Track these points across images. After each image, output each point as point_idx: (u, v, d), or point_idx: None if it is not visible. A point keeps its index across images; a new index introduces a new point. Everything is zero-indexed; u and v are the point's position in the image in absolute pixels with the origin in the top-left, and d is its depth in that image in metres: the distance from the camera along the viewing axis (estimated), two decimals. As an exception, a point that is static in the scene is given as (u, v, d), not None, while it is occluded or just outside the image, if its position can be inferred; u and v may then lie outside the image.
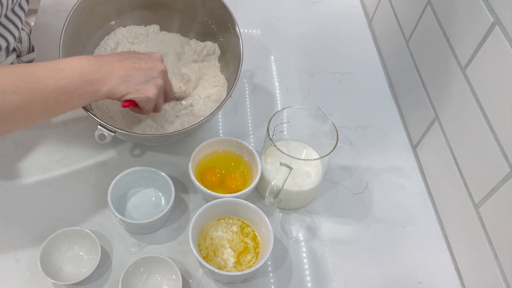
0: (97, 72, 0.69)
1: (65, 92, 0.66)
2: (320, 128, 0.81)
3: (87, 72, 0.68)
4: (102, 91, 0.70)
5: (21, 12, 0.81)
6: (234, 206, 0.77)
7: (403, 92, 1.01)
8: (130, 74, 0.72)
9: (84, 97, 0.69)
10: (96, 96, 0.70)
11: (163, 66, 0.76)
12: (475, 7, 0.74)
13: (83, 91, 0.68)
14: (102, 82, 0.69)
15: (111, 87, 0.70)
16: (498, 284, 0.69)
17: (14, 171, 0.84)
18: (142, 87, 0.73)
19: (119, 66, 0.72)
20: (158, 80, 0.75)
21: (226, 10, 0.87)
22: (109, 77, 0.70)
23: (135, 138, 0.85)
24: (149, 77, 0.74)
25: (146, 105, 0.75)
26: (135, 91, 0.73)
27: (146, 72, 0.74)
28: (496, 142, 0.69)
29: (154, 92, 0.74)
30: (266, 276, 0.77)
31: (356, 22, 1.18)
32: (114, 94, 0.71)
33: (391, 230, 0.84)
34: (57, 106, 0.67)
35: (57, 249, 0.74)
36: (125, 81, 0.71)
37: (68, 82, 0.66)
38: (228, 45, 0.91)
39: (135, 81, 0.72)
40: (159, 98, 0.77)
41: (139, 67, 0.73)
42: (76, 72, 0.67)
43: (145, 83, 0.73)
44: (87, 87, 0.68)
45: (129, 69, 0.72)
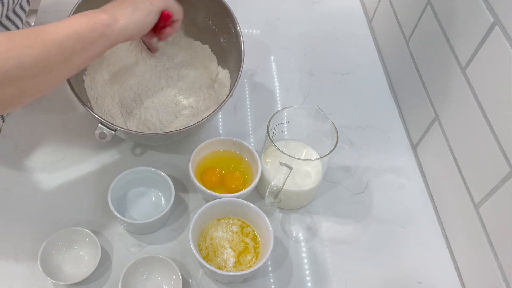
0: (103, 13, 0.66)
1: (79, 38, 0.63)
2: (320, 128, 0.81)
3: (93, 16, 0.66)
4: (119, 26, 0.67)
5: (21, 12, 0.81)
6: (234, 206, 0.77)
7: (403, 92, 1.01)
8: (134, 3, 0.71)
9: (101, 39, 0.66)
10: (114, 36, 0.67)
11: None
12: (475, 7, 0.74)
13: (97, 33, 0.65)
14: (113, 19, 0.67)
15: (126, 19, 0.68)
16: (498, 284, 0.69)
17: (14, 171, 0.84)
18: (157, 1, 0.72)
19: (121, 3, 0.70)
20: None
21: (227, 10, 0.87)
22: (117, 13, 0.68)
23: (136, 137, 0.85)
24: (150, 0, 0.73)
25: (178, 11, 0.76)
26: (149, 5, 0.71)
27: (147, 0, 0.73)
28: (496, 142, 0.69)
29: None
30: (266, 276, 0.77)
31: (356, 22, 1.18)
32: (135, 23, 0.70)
33: (391, 230, 0.84)
34: (75, 56, 0.64)
35: (57, 249, 0.74)
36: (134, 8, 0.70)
37: (78, 27, 0.63)
38: (228, 45, 0.91)
39: (142, 3, 0.71)
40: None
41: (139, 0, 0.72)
42: (82, 18, 0.65)
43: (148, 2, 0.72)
44: (100, 27, 0.65)
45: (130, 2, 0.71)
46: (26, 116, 0.91)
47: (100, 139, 0.77)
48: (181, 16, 0.79)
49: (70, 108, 0.92)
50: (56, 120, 0.91)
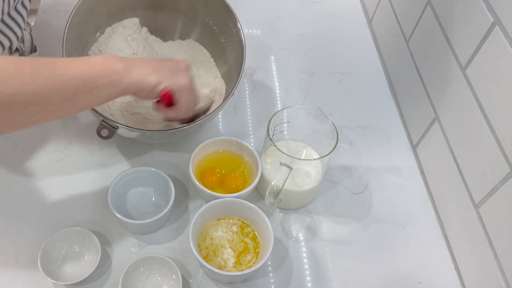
0: (121, 62, 0.65)
1: (86, 81, 0.62)
2: (320, 128, 0.81)
3: (110, 62, 0.64)
4: (129, 79, 0.65)
5: (23, 10, 0.81)
6: (234, 206, 0.77)
7: (403, 92, 1.01)
8: (157, 66, 0.69)
9: (108, 87, 0.64)
10: (122, 87, 0.65)
11: (186, 62, 0.75)
12: (475, 7, 0.74)
13: (106, 80, 0.63)
14: (128, 71, 0.65)
15: (141, 76, 0.66)
16: (498, 284, 0.69)
17: (14, 171, 0.84)
18: (174, 76, 0.70)
19: (143, 61, 0.68)
20: (187, 73, 0.73)
21: (228, 10, 0.87)
22: (135, 68, 0.66)
23: (137, 134, 0.84)
24: (177, 69, 0.71)
25: (182, 95, 0.71)
26: (168, 79, 0.68)
27: (173, 66, 0.71)
28: (496, 142, 0.69)
29: (188, 80, 0.71)
30: (266, 276, 0.77)
31: (356, 22, 1.18)
32: (144, 84, 0.67)
33: (391, 230, 0.84)
34: (79, 96, 0.63)
35: (57, 249, 0.74)
36: (154, 71, 0.68)
37: (89, 70, 0.62)
38: (229, 45, 0.91)
39: (164, 71, 0.69)
40: (193, 92, 0.74)
41: (165, 64, 0.71)
42: (98, 61, 0.64)
43: (176, 73, 0.70)
44: (111, 76, 0.64)
45: (154, 64, 0.69)
46: (26, 116, 0.91)
47: (101, 137, 0.77)
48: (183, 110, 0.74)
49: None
50: (56, 120, 0.91)
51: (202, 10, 0.92)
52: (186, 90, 0.72)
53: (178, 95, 0.71)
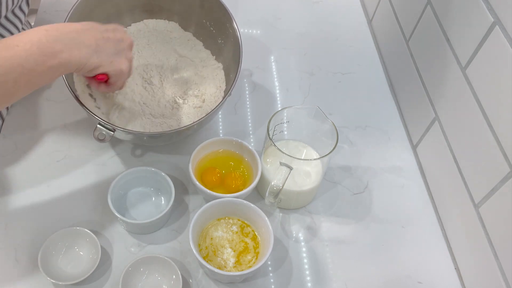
0: (59, 42, 0.60)
1: (24, 71, 0.57)
2: (320, 128, 0.81)
3: (47, 44, 0.59)
4: (70, 63, 0.61)
5: (21, 14, 0.81)
6: (234, 206, 0.77)
7: (403, 92, 1.01)
8: (100, 44, 0.64)
9: (48, 73, 0.60)
10: (62, 70, 0.62)
11: (130, 39, 0.72)
12: (475, 7, 0.74)
13: (46, 67, 0.59)
14: (68, 52, 0.60)
15: (81, 58, 0.62)
16: (498, 284, 0.69)
17: (14, 171, 0.84)
18: (114, 59, 0.66)
19: (86, 35, 0.63)
20: (128, 53, 0.70)
21: (225, 11, 0.87)
22: (76, 47, 0.61)
23: (135, 137, 0.84)
24: (119, 49, 0.68)
25: (119, 79, 0.70)
26: (108, 63, 0.65)
27: (116, 43, 0.67)
28: (496, 142, 0.69)
29: (127, 65, 0.69)
30: (266, 276, 0.77)
31: (356, 22, 1.18)
32: (85, 66, 0.63)
33: (391, 230, 0.84)
34: (18, 88, 0.59)
35: (57, 249, 0.74)
36: (96, 51, 0.64)
37: (25, 59, 0.57)
38: (226, 46, 0.91)
39: (106, 52, 0.65)
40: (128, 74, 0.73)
41: (108, 38, 0.66)
42: (33, 45, 0.58)
43: (117, 55, 0.67)
44: (50, 60, 0.59)
45: (98, 38, 0.64)
46: (26, 116, 0.91)
47: (98, 140, 0.77)
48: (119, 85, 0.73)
49: (70, 108, 0.92)
50: (56, 120, 0.91)
51: (198, 11, 0.92)
52: (124, 74, 0.70)
53: (114, 78, 0.70)
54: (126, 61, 0.69)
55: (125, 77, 0.71)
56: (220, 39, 0.92)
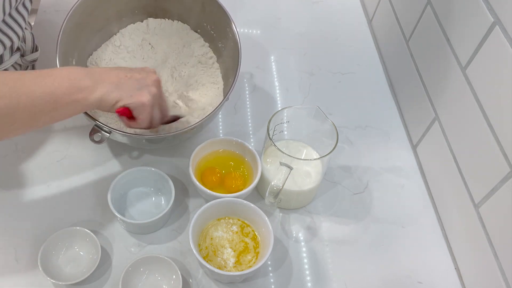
0: (87, 79, 0.66)
1: (52, 99, 0.63)
2: (320, 128, 0.81)
3: (76, 78, 0.66)
4: (93, 98, 0.67)
5: (24, 11, 0.81)
6: (234, 206, 0.77)
7: (403, 92, 1.01)
8: (123, 81, 0.70)
9: (72, 105, 0.66)
10: (85, 104, 0.67)
11: (156, 77, 0.75)
12: (475, 7, 0.74)
13: (71, 98, 0.65)
14: (92, 88, 0.67)
15: (103, 94, 0.67)
16: (498, 284, 0.69)
17: (14, 171, 0.84)
18: (135, 93, 0.70)
19: (111, 74, 0.69)
20: (152, 88, 0.72)
21: (225, 14, 0.86)
22: (100, 84, 0.67)
23: (132, 139, 0.83)
24: (142, 85, 0.72)
25: (141, 112, 0.72)
26: (128, 97, 0.69)
27: (139, 80, 0.72)
28: (496, 142, 0.69)
29: (148, 98, 0.71)
30: (266, 276, 0.77)
31: (356, 22, 1.18)
32: (105, 102, 0.68)
33: (391, 230, 0.84)
34: (43, 114, 0.64)
35: (57, 249, 0.74)
36: (117, 87, 0.69)
37: (56, 87, 0.63)
38: (226, 49, 0.91)
39: (127, 88, 0.70)
40: (155, 108, 0.74)
41: (132, 76, 0.71)
42: (64, 78, 0.65)
43: (138, 90, 0.71)
44: (76, 93, 0.65)
45: (121, 77, 0.70)
46: (26, 116, 0.91)
47: (94, 141, 0.77)
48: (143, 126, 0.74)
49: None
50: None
51: (199, 14, 0.92)
52: (145, 107, 0.71)
53: (136, 112, 0.72)
54: (148, 94, 0.71)
55: (147, 110, 0.72)
56: (220, 43, 0.92)
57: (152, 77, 0.74)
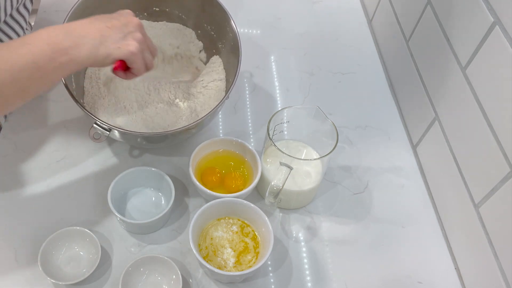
0: (67, 39, 0.63)
1: (37, 68, 0.61)
2: (320, 128, 0.81)
3: (56, 41, 0.62)
4: (80, 58, 0.64)
5: (25, 12, 0.81)
6: (234, 206, 0.77)
7: (403, 92, 1.01)
8: (105, 34, 0.67)
9: (59, 69, 0.63)
10: (73, 65, 0.64)
11: (137, 20, 0.72)
12: (475, 7, 0.74)
13: (57, 63, 0.62)
14: (76, 48, 0.63)
15: (89, 52, 0.64)
16: (498, 284, 0.69)
17: (14, 171, 0.84)
18: (121, 43, 0.67)
19: (91, 28, 0.66)
20: (136, 34, 0.70)
21: (225, 15, 0.86)
22: (82, 42, 0.64)
23: (131, 137, 0.83)
24: (126, 33, 0.69)
25: (134, 61, 0.69)
26: (115, 49, 0.67)
27: (121, 28, 0.69)
28: (496, 142, 0.69)
29: (135, 45, 0.69)
30: (266, 276, 0.77)
31: (356, 22, 1.18)
32: (95, 59, 0.66)
33: (391, 230, 0.84)
34: (31, 85, 0.62)
35: (57, 249, 0.74)
36: (101, 42, 0.66)
37: (37, 56, 0.61)
38: (226, 49, 0.91)
39: (112, 40, 0.67)
40: (145, 52, 0.71)
41: (113, 25, 0.68)
42: (44, 43, 0.62)
43: (123, 39, 0.68)
44: (60, 57, 0.62)
45: (102, 29, 0.67)
46: (26, 116, 0.91)
47: (94, 139, 0.77)
48: (141, 73, 0.73)
49: (70, 108, 0.92)
50: (56, 120, 0.91)
51: (199, 15, 0.92)
52: (136, 55, 0.69)
53: (129, 62, 0.70)
54: (134, 41, 0.69)
55: (139, 58, 0.70)
56: (220, 43, 0.92)
57: (133, 21, 0.71)
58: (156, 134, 0.81)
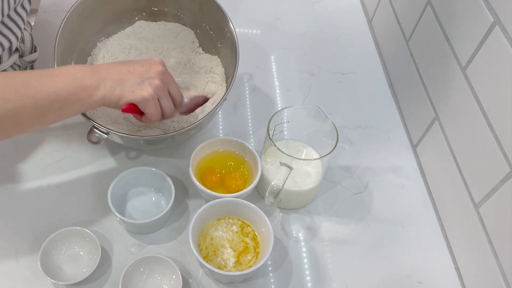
0: (91, 78, 0.67)
1: (57, 99, 0.65)
2: (320, 128, 0.81)
3: (80, 78, 0.67)
4: (96, 96, 0.68)
5: (23, 12, 0.81)
6: (234, 206, 0.77)
7: (403, 92, 1.01)
8: (125, 77, 0.70)
9: (77, 103, 0.67)
10: (90, 103, 0.68)
11: (160, 67, 0.73)
12: (475, 7, 0.74)
13: (76, 97, 0.66)
14: (96, 87, 0.68)
15: (106, 92, 0.68)
16: (498, 284, 0.69)
17: (14, 171, 0.84)
18: (136, 88, 0.70)
19: (114, 71, 0.70)
20: (154, 81, 0.71)
21: (223, 15, 0.86)
22: (103, 82, 0.68)
23: (130, 140, 0.83)
24: (144, 78, 0.71)
25: (146, 107, 0.71)
26: (129, 93, 0.70)
27: (142, 74, 0.71)
28: (496, 142, 0.69)
29: (149, 91, 0.70)
30: (266, 276, 0.77)
31: (356, 22, 1.18)
32: (109, 99, 0.69)
33: (391, 230, 0.84)
34: (49, 114, 0.66)
35: (57, 249, 0.74)
36: (119, 84, 0.69)
37: (61, 88, 0.65)
38: (225, 49, 0.91)
39: (130, 83, 0.70)
40: (162, 99, 0.73)
41: (135, 71, 0.71)
42: (69, 78, 0.66)
43: (139, 84, 0.70)
44: (81, 93, 0.66)
45: (124, 73, 0.70)
46: (26, 116, 0.91)
47: (92, 142, 0.77)
48: (155, 118, 0.73)
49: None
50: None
51: (198, 15, 0.92)
52: (148, 101, 0.71)
53: (141, 106, 0.71)
54: (150, 87, 0.71)
55: (151, 103, 0.71)
56: (219, 43, 0.92)
57: (156, 68, 0.73)
58: (155, 137, 0.81)
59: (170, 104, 0.75)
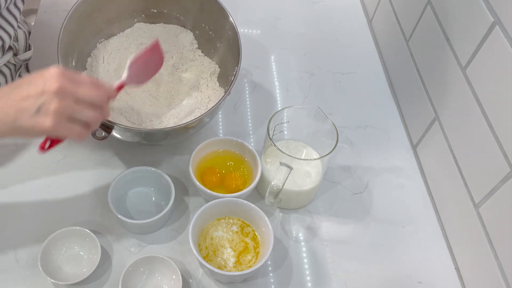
0: None
1: None
2: (320, 128, 0.81)
3: None
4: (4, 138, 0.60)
5: (16, 11, 0.81)
6: (234, 206, 0.77)
7: (403, 92, 1.01)
8: (20, 107, 0.59)
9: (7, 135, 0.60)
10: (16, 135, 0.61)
11: (55, 84, 0.59)
12: (475, 7, 0.74)
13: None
14: None
15: (8, 127, 0.60)
16: (498, 284, 0.69)
17: (14, 171, 0.84)
18: (35, 121, 0.59)
19: (7, 101, 0.60)
20: (51, 106, 0.59)
21: (224, 14, 0.86)
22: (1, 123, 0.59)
23: (133, 134, 0.82)
24: (39, 105, 0.59)
25: (58, 135, 0.62)
26: (30, 129, 0.59)
27: (37, 98, 0.59)
28: (496, 142, 0.69)
29: (49, 121, 0.59)
30: (266, 276, 0.77)
31: (356, 22, 1.18)
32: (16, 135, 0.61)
33: (391, 230, 0.84)
34: None
35: (57, 249, 0.74)
36: (15, 120, 0.59)
37: None
38: (225, 48, 0.90)
39: (27, 115, 0.59)
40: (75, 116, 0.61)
41: (28, 95, 0.59)
42: None
43: (35, 115, 0.59)
44: None
45: (18, 101, 0.59)
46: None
47: (96, 138, 0.76)
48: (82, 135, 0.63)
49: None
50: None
51: (197, 15, 0.92)
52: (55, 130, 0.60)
53: (53, 137, 0.64)
54: (47, 117, 0.59)
55: (61, 130, 0.61)
56: (219, 43, 0.92)
57: (50, 86, 0.59)
58: (157, 131, 0.81)
59: (89, 111, 0.62)
